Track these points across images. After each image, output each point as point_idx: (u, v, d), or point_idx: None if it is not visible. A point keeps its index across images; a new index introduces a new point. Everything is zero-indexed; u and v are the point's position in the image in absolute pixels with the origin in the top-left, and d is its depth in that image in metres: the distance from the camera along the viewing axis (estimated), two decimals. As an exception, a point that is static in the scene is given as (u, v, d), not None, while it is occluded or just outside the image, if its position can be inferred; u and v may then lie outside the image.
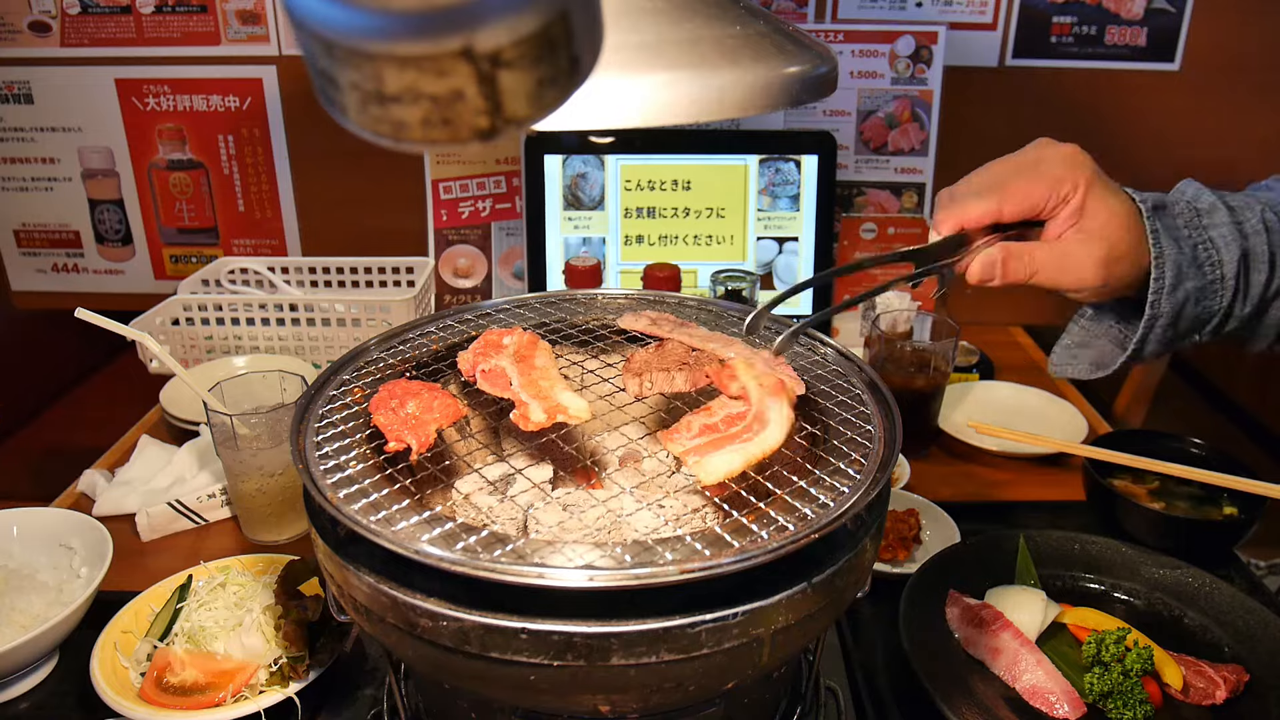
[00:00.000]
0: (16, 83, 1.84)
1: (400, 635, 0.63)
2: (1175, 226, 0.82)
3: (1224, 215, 0.83)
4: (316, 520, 0.69)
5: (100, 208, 1.93)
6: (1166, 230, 0.81)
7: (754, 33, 0.64)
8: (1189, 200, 0.85)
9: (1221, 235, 0.82)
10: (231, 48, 1.80)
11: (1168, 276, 0.80)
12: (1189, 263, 0.81)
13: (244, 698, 0.91)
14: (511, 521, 0.76)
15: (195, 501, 1.25)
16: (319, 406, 0.79)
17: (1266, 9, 1.77)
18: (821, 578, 0.64)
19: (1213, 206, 0.84)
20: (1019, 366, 1.76)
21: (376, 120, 0.34)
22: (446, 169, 1.80)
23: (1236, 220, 0.83)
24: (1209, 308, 0.83)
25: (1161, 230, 0.81)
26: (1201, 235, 0.82)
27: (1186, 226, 0.83)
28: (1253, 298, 0.83)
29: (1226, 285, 0.82)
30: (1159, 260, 0.80)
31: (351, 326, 1.56)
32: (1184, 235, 0.82)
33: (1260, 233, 0.82)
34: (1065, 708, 0.91)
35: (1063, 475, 1.39)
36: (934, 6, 1.79)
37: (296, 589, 1.00)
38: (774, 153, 1.68)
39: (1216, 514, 1.21)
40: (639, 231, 1.71)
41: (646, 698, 0.63)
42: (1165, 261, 0.80)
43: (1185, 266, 0.81)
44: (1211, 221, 0.83)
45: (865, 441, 0.74)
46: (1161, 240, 0.81)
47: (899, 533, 1.17)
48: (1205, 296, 0.82)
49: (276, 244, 1.95)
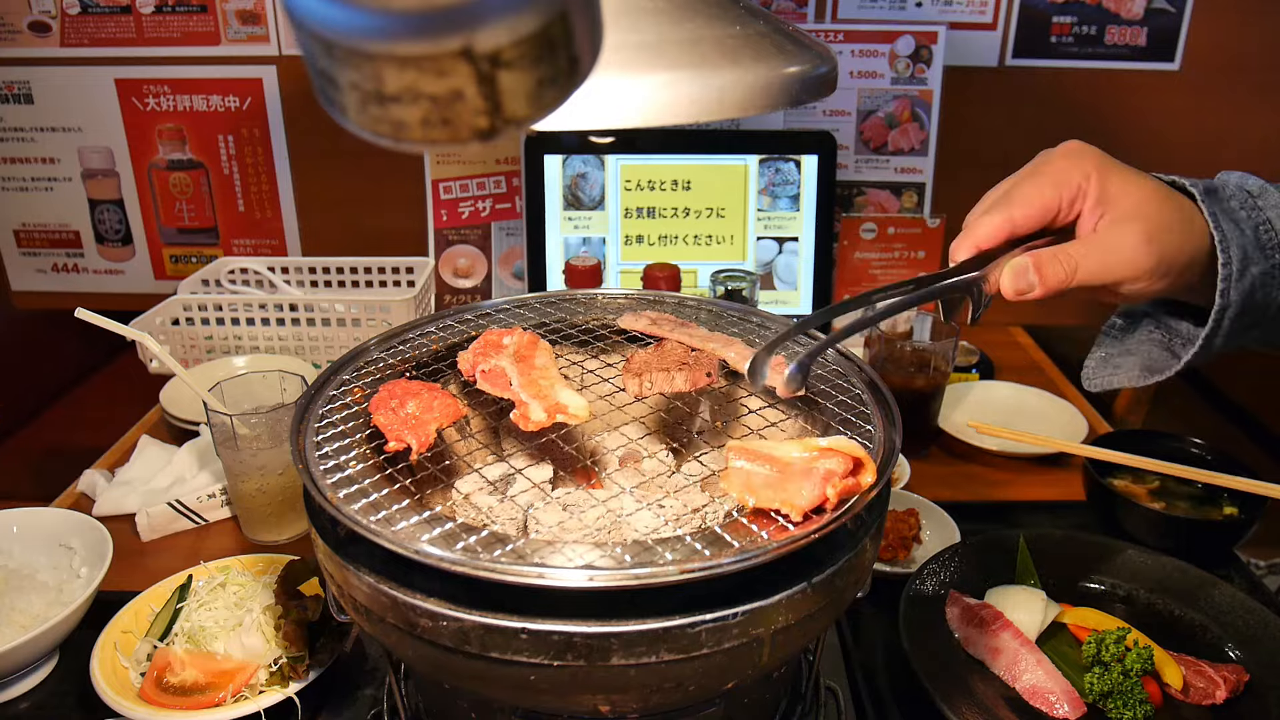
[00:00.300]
0: (16, 83, 1.84)
1: (400, 635, 0.63)
2: (1231, 209, 0.76)
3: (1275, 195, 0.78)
4: (316, 520, 0.69)
5: (100, 208, 1.93)
6: (1225, 214, 0.75)
7: (754, 33, 0.64)
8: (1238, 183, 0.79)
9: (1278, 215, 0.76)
10: (231, 48, 1.80)
11: (1234, 261, 0.74)
12: (1253, 245, 0.75)
13: (244, 698, 0.91)
14: (511, 521, 0.76)
15: (195, 501, 1.25)
16: (319, 406, 0.79)
17: (1266, 9, 1.77)
18: (821, 578, 0.64)
19: (1263, 189, 0.78)
20: (1019, 366, 1.76)
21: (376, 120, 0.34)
22: (446, 169, 1.80)
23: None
24: (1271, 294, 0.77)
25: (1220, 214, 0.75)
26: (1260, 216, 0.76)
27: (1243, 208, 0.77)
28: None
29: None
30: (1224, 244, 0.74)
31: (351, 326, 1.56)
32: (1242, 217, 0.76)
33: None
34: (1065, 708, 0.91)
35: (1063, 475, 1.39)
36: (934, 6, 1.79)
37: (296, 589, 1.00)
38: (774, 153, 1.68)
39: (1216, 514, 1.21)
40: (639, 231, 1.71)
41: (646, 698, 0.63)
42: (1230, 245, 0.74)
43: (1250, 250, 0.75)
44: (1266, 203, 0.77)
45: (865, 442, 0.74)
46: (1222, 223, 0.74)
47: (899, 533, 1.17)
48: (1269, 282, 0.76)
49: (276, 244, 1.95)
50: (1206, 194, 0.75)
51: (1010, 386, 1.61)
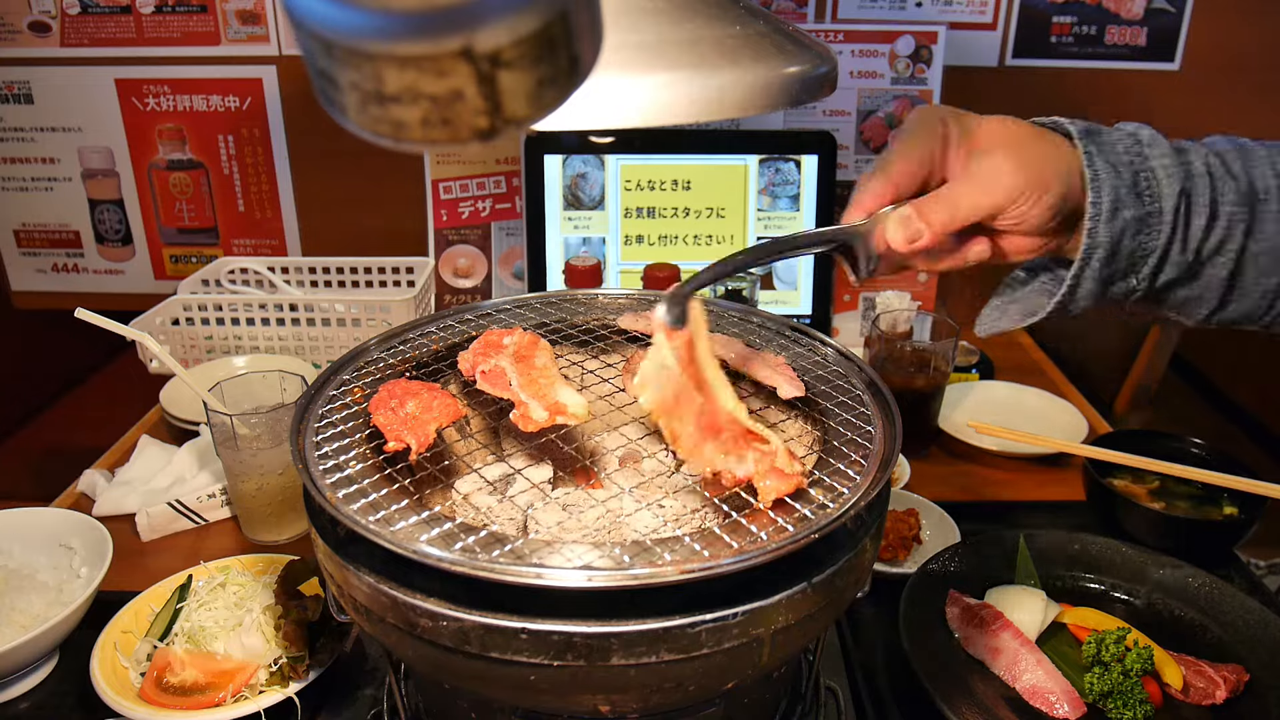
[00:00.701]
0: (16, 83, 1.84)
1: (400, 635, 0.63)
2: (1113, 151, 0.77)
3: (1166, 148, 0.78)
4: (316, 520, 0.69)
5: (100, 208, 1.93)
6: (1102, 154, 0.76)
7: (754, 33, 0.64)
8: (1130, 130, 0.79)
9: (1164, 166, 0.77)
10: (231, 48, 1.80)
11: (1105, 201, 0.75)
12: (1128, 189, 0.76)
13: (244, 698, 0.91)
14: (511, 521, 0.76)
15: (195, 501, 1.25)
16: (319, 406, 0.79)
17: (1266, 9, 1.77)
18: (821, 578, 0.64)
19: (1154, 139, 0.79)
20: (1019, 366, 1.76)
21: (376, 120, 0.34)
22: (446, 169, 1.80)
23: (1181, 158, 0.78)
24: (1145, 244, 0.77)
25: (1096, 153, 0.76)
26: (1143, 164, 0.77)
27: (1126, 153, 0.77)
28: (1191, 245, 0.78)
29: (1164, 220, 0.77)
30: (1095, 183, 0.75)
31: (351, 326, 1.56)
32: (1123, 161, 0.76)
33: (1204, 175, 0.78)
34: (1065, 708, 0.91)
35: (1063, 475, 1.39)
36: (934, 6, 1.79)
37: (296, 589, 1.00)
38: (774, 153, 1.68)
39: (1216, 514, 1.21)
40: (639, 231, 1.71)
41: (646, 698, 0.63)
42: (1102, 185, 0.75)
43: (1124, 193, 0.75)
44: (1154, 152, 0.77)
45: (865, 442, 0.74)
46: (1097, 163, 0.75)
47: (899, 533, 1.17)
48: (1143, 229, 0.77)
49: (276, 244, 1.95)
50: (1085, 134, 0.77)
51: (1010, 386, 1.61)
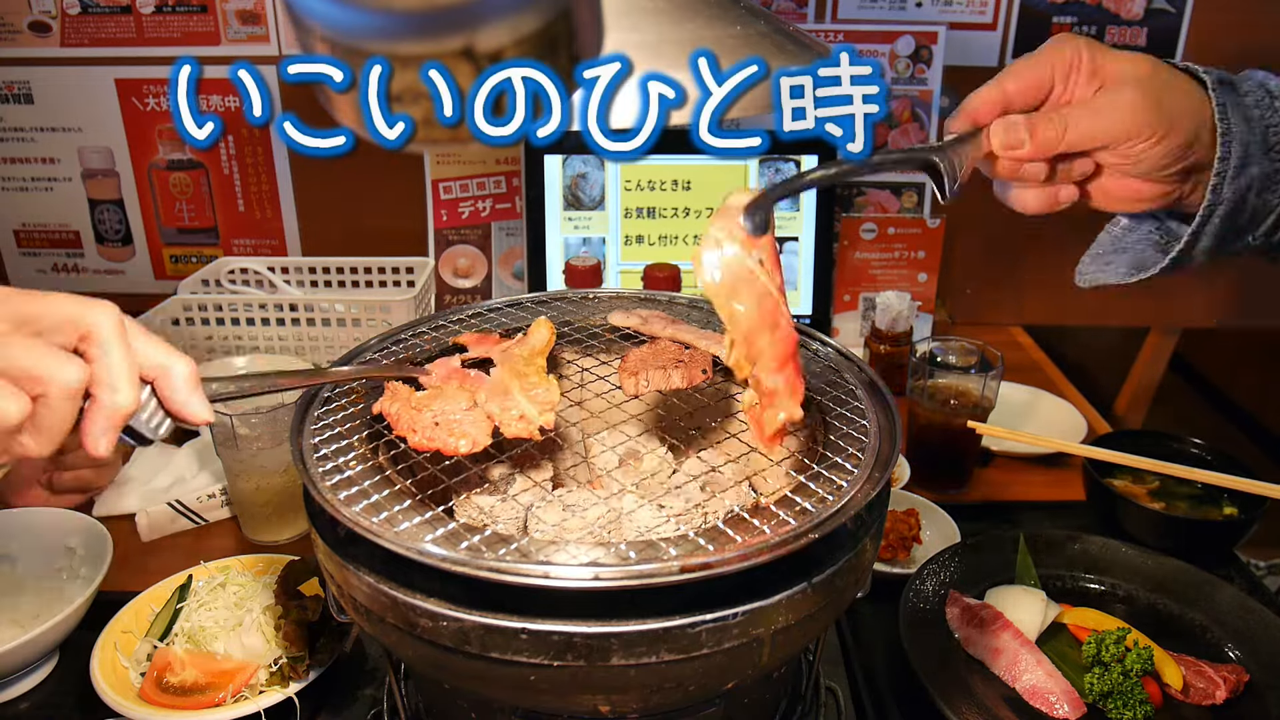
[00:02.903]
0: (16, 83, 1.83)
1: (400, 635, 0.63)
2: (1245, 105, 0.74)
3: None
4: (316, 520, 0.69)
5: (100, 208, 1.93)
6: (1235, 108, 0.73)
7: (754, 33, 0.64)
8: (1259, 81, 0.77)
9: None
10: (231, 48, 1.80)
11: (1234, 155, 0.72)
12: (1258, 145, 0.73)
13: (244, 698, 0.91)
14: (512, 521, 0.76)
15: (195, 501, 1.25)
16: (318, 407, 0.79)
17: (1266, 9, 1.77)
18: (821, 578, 0.64)
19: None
20: (1019, 366, 1.76)
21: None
22: (446, 169, 1.80)
23: None
24: (1269, 201, 0.75)
25: (1230, 106, 0.72)
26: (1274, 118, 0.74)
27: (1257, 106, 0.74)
28: None
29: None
30: (1226, 137, 0.72)
31: (351, 326, 1.56)
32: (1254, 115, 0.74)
33: None
34: (1065, 708, 0.91)
35: (1063, 475, 1.39)
36: (934, 6, 1.79)
37: (296, 589, 1.00)
38: (774, 153, 1.68)
39: (1216, 514, 1.21)
40: (639, 231, 1.71)
41: (646, 698, 0.63)
42: (1233, 139, 0.72)
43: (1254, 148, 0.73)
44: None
45: (862, 436, 0.74)
46: (1230, 114, 0.72)
47: (899, 533, 1.17)
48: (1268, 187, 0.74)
49: (276, 244, 1.95)
50: (1220, 84, 0.74)
51: (1010, 386, 1.61)
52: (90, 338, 0.56)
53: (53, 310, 0.56)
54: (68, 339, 0.56)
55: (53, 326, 0.56)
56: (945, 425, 1.32)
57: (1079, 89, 0.74)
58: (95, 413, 0.56)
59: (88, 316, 0.56)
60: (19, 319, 0.55)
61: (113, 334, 0.56)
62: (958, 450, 1.34)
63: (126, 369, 0.57)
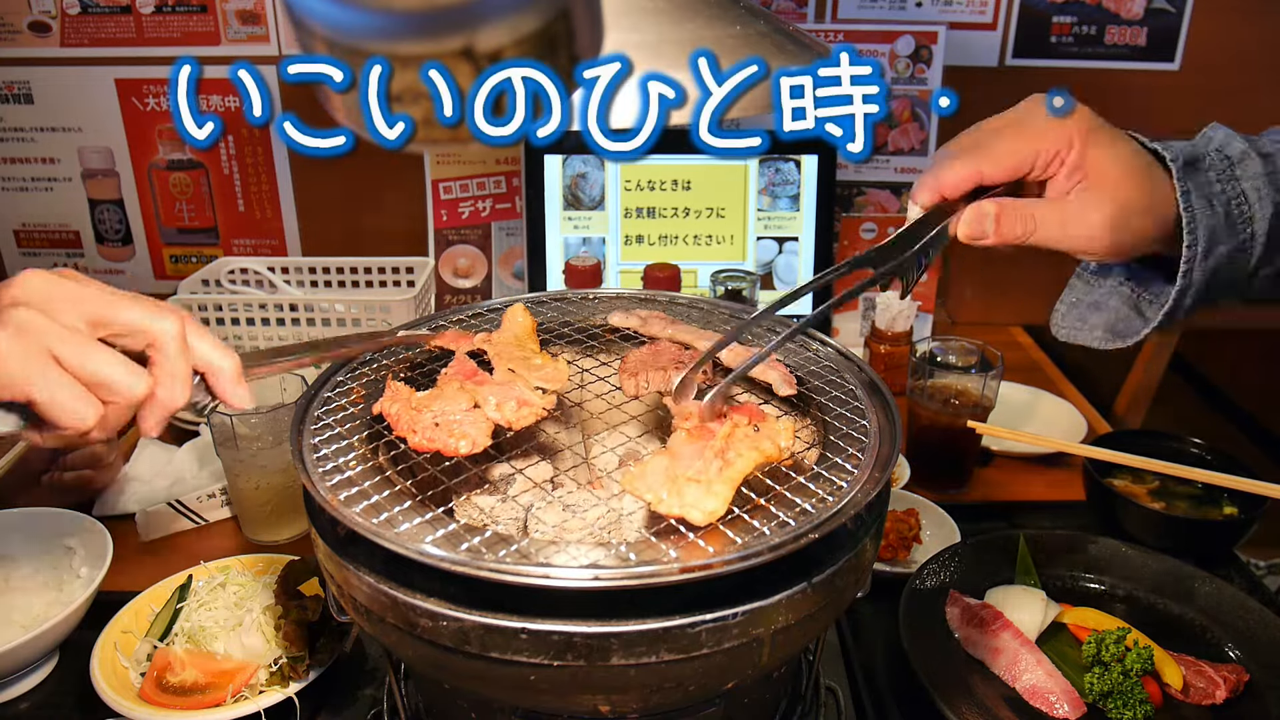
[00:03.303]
0: (16, 83, 1.83)
1: (400, 635, 0.63)
2: (1208, 182, 0.74)
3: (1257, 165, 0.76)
4: (316, 520, 0.69)
5: (100, 208, 1.93)
6: (1199, 190, 0.73)
7: (754, 33, 0.64)
8: (1219, 148, 0.77)
9: (1255, 188, 0.75)
10: (231, 48, 1.80)
11: (1201, 244, 0.72)
12: (1223, 226, 0.73)
13: (244, 698, 0.91)
14: (513, 521, 0.76)
15: (195, 501, 1.25)
16: (318, 407, 0.79)
17: (1266, 9, 1.77)
18: (821, 578, 0.64)
19: (1244, 155, 0.76)
20: (1019, 366, 1.76)
21: (377, 120, 0.34)
22: (446, 169, 1.80)
23: (1270, 170, 0.76)
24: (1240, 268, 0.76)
25: (1194, 191, 0.73)
26: (1235, 189, 0.75)
27: (1219, 180, 0.75)
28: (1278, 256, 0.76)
29: (1257, 243, 0.75)
30: (1191, 226, 0.72)
31: (351, 326, 1.56)
32: (1217, 192, 0.74)
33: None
34: (1065, 708, 0.91)
35: (1063, 475, 1.39)
36: (934, 6, 1.79)
37: (296, 589, 1.00)
38: (774, 153, 1.68)
39: (1216, 514, 1.21)
40: (639, 231, 1.71)
41: (646, 698, 0.63)
42: (1199, 227, 0.72)
43: (1219, 230, 0.73)
44: (1244, 172, 0.75)
45: (862, 436, 0.74)
46: (1194, 202, 0.72)
47: (899, 533, 1.17)
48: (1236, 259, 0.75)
49: (276, 244, 1.95)
50: (1185, 167, 0.74)
51: (1010, 386, 1.61)
52: (156, 345, 0.64)
53: (126, 317, 0.63)
54: (136, 344, 0.64)
55: (124, 331, 0.63)
56: (945, 425, 1.31)
57: (1059, 180, 0.73)
58: (152, 406, 0.64)
59: (155, 326, 0.63)
60: (95, 321, 0.62)
61: (175, 343, 0.64)
62: (958, 450, 1.34)
63: (183, 372, 0.65)
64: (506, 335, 0.87)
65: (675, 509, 0.62)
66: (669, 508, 0.63)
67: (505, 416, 0.74)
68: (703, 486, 0.64)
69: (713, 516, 0.62)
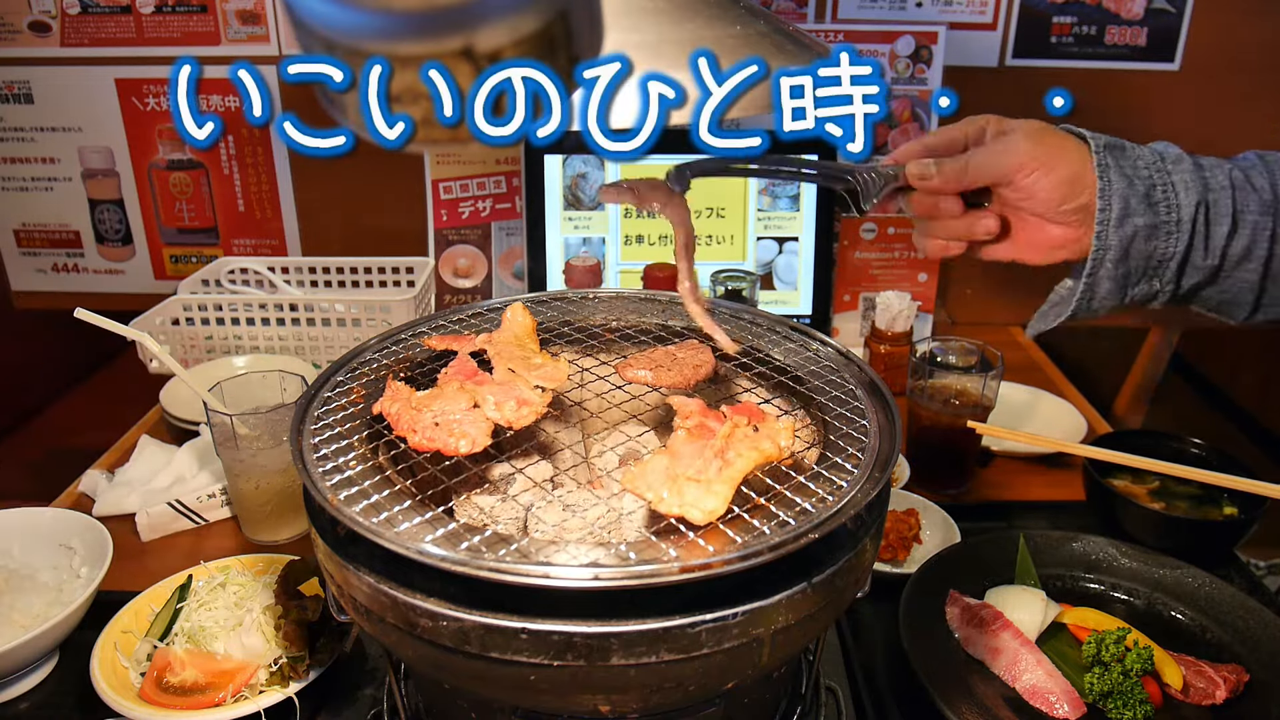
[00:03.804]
0: (16, 83, 1.83)
1: (400, 635, 0.63)
2: (1133, 166, 0.84)
3: (1189, 165, 0.85)
4: (316, 520, 0.69)
5: (100, 208, 1.93)
6: (1117, 166, 0.83)
7: (754, 33, 0.64)
8: (1158, 150, 0.87)
9: (1183, 180, 0.84)
10: (231, 48, 1.80)
11: (1114, 208, 0.82)
12: (1139, 199, 0.83)
13: (244, 698, 0.91)
14: (512, 521, 0.77)
15: (195, 501, 1.25)
16: (318, 407, 0.79)
17: (1266, 9, 1.77)
18: (821, 578, 0.64)
19: (1179, 157, 0.86)
20: (1019, 366, 1.76)
21: (377, 120, 0.34)
22: (446, 169, 1.80)
23: (1202, 174, 0.85)
24: (1161, 248, 0.84)
25: (1111, 165, 0.83)
26: (1163, 178, 0.84)
27: (1148, 168, 0.84)
28: (1214, 250, 0.84)
29: (1182, 228, 0.83)
30: (1104, 191, 0.83)
31: (351, 326, 1.56)
32: (1141, 174, 0.84)
33: (1226, 188, 0.84)
34: (1065, 708, 0.91)
35: (1063, 475, 1.39)
36: (934, 6, 1.79)
37: (296, 589, 1.00)
38: (774, 153, 1.67)
39: (1216, 514, 1.21)
40: (639, 231, 1.71)
41: (646, 698, 0.63)
42: (1112, 194, 0.82)
43: (1135, 202, 0.83)
44: (1176, 169, 0.85)
45: (863, 437, 0.74)
46: (1110, 174, 0.83)
47: (899, 533, 1.17)
48: (1156, 235, 0.84)
49: (276, 244, 1.95)
50: (1107, 148, 0.85)
51: (1010, 386, 1.61)
52: None
53: None
54: None
55: None
56: (945, 425, 1.31)
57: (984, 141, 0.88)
58: None
59: None
60: None
61: None
62: (958, 450, 1.34)
63: None
64: (506, 335, 0.87)
65: (675, 508, 0.63)
66: (669, 507, 0.63)
67: (505, 416, 0.74)
68: (703, 486, 0.64)
69: (713, 516, 0.62)
